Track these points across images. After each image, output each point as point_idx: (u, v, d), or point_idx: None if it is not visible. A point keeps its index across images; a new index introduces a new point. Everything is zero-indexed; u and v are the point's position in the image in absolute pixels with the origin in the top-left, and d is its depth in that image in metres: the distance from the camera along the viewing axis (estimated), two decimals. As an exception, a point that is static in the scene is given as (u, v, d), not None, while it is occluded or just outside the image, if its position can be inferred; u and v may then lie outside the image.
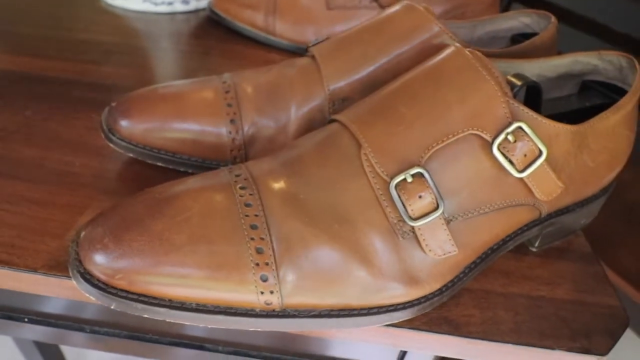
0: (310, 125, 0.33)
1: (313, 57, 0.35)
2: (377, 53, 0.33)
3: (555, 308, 0.28)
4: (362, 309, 0.24)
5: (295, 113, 0.33)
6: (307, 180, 0.25)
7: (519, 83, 0.27)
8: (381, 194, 0.24)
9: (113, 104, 0.33)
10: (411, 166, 0.24)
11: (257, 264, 0.23)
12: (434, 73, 0.27)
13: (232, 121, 0.32)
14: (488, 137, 0.25)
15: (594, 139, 0.27)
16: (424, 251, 0.24)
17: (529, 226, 0.28)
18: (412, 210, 0.24)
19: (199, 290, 0.23)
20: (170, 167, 0.33)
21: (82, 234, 0.24)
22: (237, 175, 0.26)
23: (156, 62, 0.49)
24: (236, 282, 0.23)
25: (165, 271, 0.22)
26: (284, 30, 0.53)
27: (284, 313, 0.23)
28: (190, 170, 0.33)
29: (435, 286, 0.25)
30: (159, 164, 0.32)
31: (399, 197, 0.24)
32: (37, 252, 0.27)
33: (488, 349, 0.26)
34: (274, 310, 0.23)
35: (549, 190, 0.26)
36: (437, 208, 0.24)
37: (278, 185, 0.25)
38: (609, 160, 0.28)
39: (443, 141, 0.25)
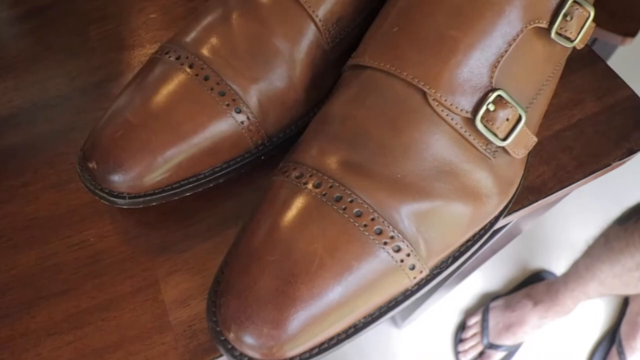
0: (315, 68, 0.28)
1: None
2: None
3: (593, 125, 0.31)
4: (480, 230, 0.26)
5: (291, 62, 0.27)
6: (389, 153, 0.23)
7: None
8: (465, 131, 0.24)
9: (91, 165, 0.25)
10: (485, 92, 0.23)
11: (402, 260, 0.23)
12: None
13: (236, 110, 0.27)
14: (545, 25, 0.23)
15: None
16: (512, 156, 0.25)
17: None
18: (501, 133, 0.24)
19: (364, 309, 0.23)
20: (200, 190, 0.28)
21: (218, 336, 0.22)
22: (304, 182, 0.23)
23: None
24: (390, 284, 0.23)
25: (332, 319, 0.22)
26: None
27: (433, 275, 0.25)
28: (221, 180, 0.28)
29: (520, 174, 0.27)
30: (187, 194, 0.28)
31: (487, 128, 0.24)
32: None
33: (567, 193, 0.30)
34: (423, 279, 0.25)
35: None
36: (520, 118, 0.24)
37: (365, 174, 0.23)
38: None
39: (507, 51, 0.23)
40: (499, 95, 0.23)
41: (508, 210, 0.27)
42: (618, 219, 0.73)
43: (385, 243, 0.23)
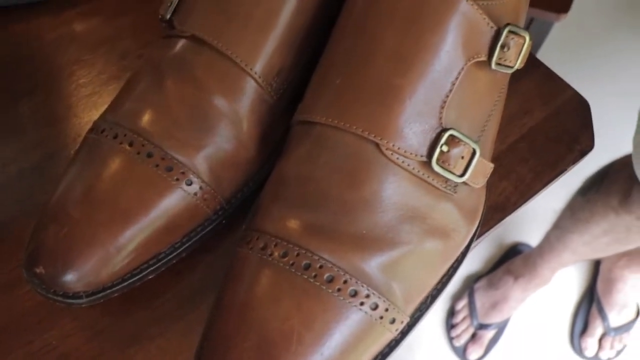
0: (262, 123, 0.27)
1: (194, 37, 0.26)
2: (279, -2, 0.25)
3: (544, 132, 0.32)
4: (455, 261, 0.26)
5: (236, 121, 0.26)
6: (351, 210, 0.23)
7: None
8: (423, 174, 0.23)
9: (38, 270, 0.24)
10: (437, 133, 0.23)
11: (381, 317, 0.23)
12: (392, 15, 0.22)
13: (187, 182, 0.25)
14: (484, 58, 0.23)
15: None
16: (472, 187, 0.25)
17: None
18: (458, 171, 0.24)
19: None
20: (164, 268, 0.27)
21: None
22: (270, 254, 0.22)
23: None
24: (373, 341, 0.23)
25: None
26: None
27: (414, 319, 0.25)
28: (184, 254, 0.27)
29: (483, 199, 0.27)
30: (150, 277, 0.26)
31: (444, 169, 0.23)
32: None
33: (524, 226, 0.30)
34: (405, 326, 0.24)
35: None
36: (474, 153, 0.24)
37: (330, 236, 0.23)
38: None
39: (451, 90, 0.23)
40: (451, 135, 0.23)
41: (477, 234, 0.27)
42: (580, 190, 0.75)
43: (361, 304, 0.22)
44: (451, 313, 0.97)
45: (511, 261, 0.96)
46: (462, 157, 0.23)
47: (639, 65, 1.13)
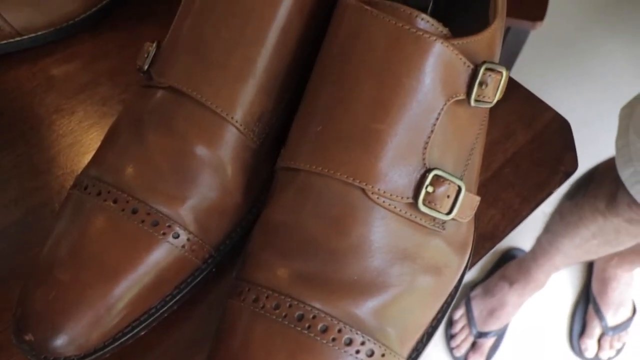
0: (246, 169, 0.27)
1: (172, 88, 0.26)
2: (256, 44, 0.25)
3: (528, 155, 0.32)
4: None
5: (220, 170, 0.26)
6: (340, 257, 0.23)
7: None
8: (410, 215, 0.23)
9: (27, 337, 0.23)
10: (421, 174, 0.23)
11: None
12: (367, 61, 0.22)
13: (174, 236, 0.25)
14: (463, 97, 0.23)
15: None
16: (461, 222, 0.25)
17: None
18: (444, 209, 0.24)
19: None
20: (155, 323, 0.26)
21: None
22: (262, 306, 0.22)
23: None
24: None
25: None
26: (20, 20, 0.36)
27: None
28: (175, 307, 0.27)
29: (472, 230, 0.27)
30: (142, 333, 0.26)
31: (431, 208, 0.23)
32: None
33: (517, 230, 0.30)
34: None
35: None
36: (460, 190, 0.24)
37: (321, 284, 0.23)
38: None
39: (432, 131, 0.23)
40: (435, 175, 0.23)
41: (469, 266, 0.27)
42: (567, 194, 0.76)
43: (357, 352, 0.22)
44: (449, 323, 0.97)
45: (505, 267, 0.97)
46: (448, 196, 0.23)
47: (617, 63, 1.15)
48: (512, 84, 0.34)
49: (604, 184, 0.67)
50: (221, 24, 0.25)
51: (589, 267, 1.00)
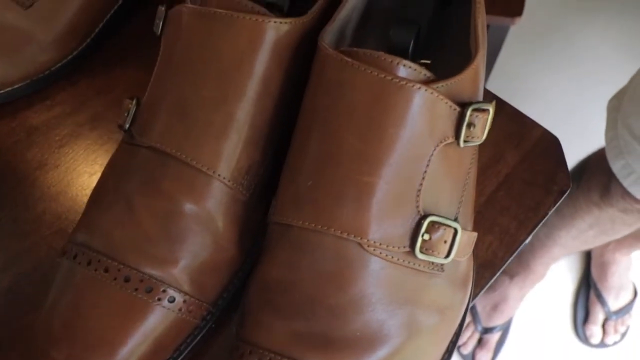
0: (238, 222, 0.26)
1: (152, 148, 0.25)
2: (237, 100, 0.24)
3: (520, 176, 0.32)
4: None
5: (210, 227, 0.25)
6: (341, 314, 0.22)
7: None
8: (409, 262, 0.23)
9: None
10: (417, 221, 0.23)
11: None
12: (352, 113, 0.22)
13: (170, 300, 0.25)
14: (452, 140, 0.23)
15: None
16: (460, 260, 0.25)
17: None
18: (442, 254, 0.23)
19: None
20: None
21: None
22: None
23: None
24: None
25: None
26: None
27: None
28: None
29: (471, 263, 0.27)
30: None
31: (428, 255, 0.23)
32: None
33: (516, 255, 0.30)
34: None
35: None
36: (456, 232, 0.24)
37: (324, 344, 0.22)
38: None
39: (424, 177, 0.22)
40: (430, 222, 0.23)
41: (471, 297, 0.27)
42: (561, 187, 0.76)
43: None
44: (454, 321, 0.97)
45: (505, 260, 0.97)
46: (445, 241, 0.23)
47: (598, 46, 1.16)
48: (498, 103, 0.34)
49: (595, 175, 0.67)
50: (200, 83, 0.24)
51: (587, 254, 1.01)
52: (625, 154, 0.53)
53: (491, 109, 0.23)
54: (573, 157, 0.81)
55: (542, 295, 0.98)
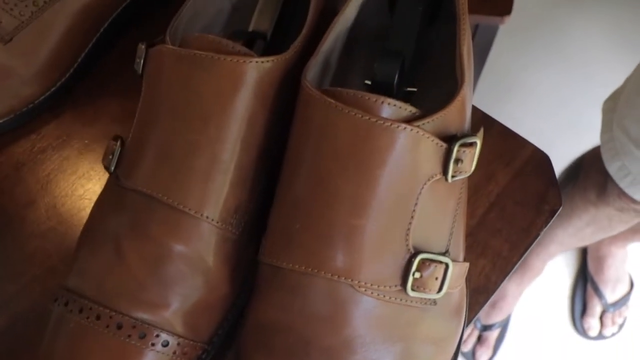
0: (229, 260, 0.26)
1: (137, 191, 0.25)
2: (222, 142, 0.24)
3: (511, 196, 0.32)
4: None
5: (202, 268, 0.25)
6: (335, 355, 0.22)
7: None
8: (401, 300, 0.23)
9: None
10: (407, 259, 0.22)
11: None
12: (338, 156, 0.21)
13: (164, 344, 0.24)
14: (440, 176, 0.23)
15: None
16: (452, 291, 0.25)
17: None
18: (434, 291, 0.23)
19: None
20: None
21: None
22: None
23: None
24: None
25: None
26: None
27: None
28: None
29: (464, 290, 0.27)
30: None
31: (420, 292, 0.23)
32: None
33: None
34: None
35: None
36: (447, 267, 0.24)
37: None
38: None
39: (413, 216, 0.22)
40: (421, 259, 0.23)
41: (466, 323, 0.27)
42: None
43: None
44: (454, 319, 0.97)
45: (502, 257, 0.97)
46: (437, 278, 0.23)
47: (588, 38, 1.16)
48: (488, 121, 0.34)
49: (591, 174, 0.67)
50: (183, 126, 0.24)
51: (583, 248, 1.01)
52: (621, 155, 0.53)
53: (479, 141, 0.23)
54: (565, 149, 0.82)
55: (539, 291, 0.99)
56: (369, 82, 0.26)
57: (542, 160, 0.33)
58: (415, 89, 0.27)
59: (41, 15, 0.35)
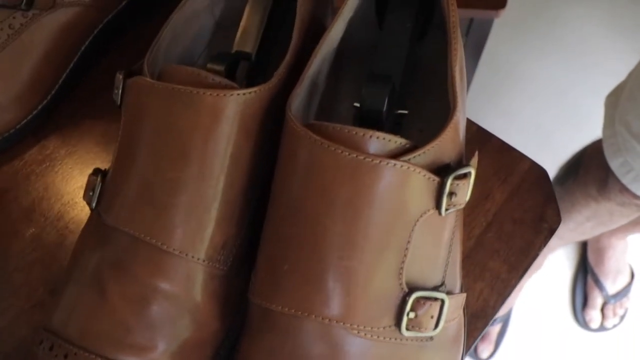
0: (218, 297, 0.25)
1: (120, 230, 0.24)
2: (205, 179, 0.23)
3: (509, 215, 0.31)
4: None
5: (190, 307, 0.24)
6: None
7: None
8: (396, 339, 0.22)
9: None
10: (401, 299, 0.22)
11: None
12: (325, 196, 0.20)
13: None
14: (433, 212, 0.22)
15: None
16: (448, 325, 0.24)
17: None
18: (430, 329, 0.22)
19: None
20: None
21: None
22: None
23: None
24: None
25: None
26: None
27: None
28: None
29: (462, 319, 0.26)
30: None
31: (415, 331, 0.22)
32: None
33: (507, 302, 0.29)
34: None
35: None
36: (443, 302, 0.23)
37: None
38: None
39: (405, 255, 0.21)
40: (415, 298, 0.22)
41: (465, 351, 0.26)
42: (557, 180, 0.75)
43: None
44: (455, 315, 0.97)
45: (502, 252, 0.97)
46: (432, 317, 0.22)
47: (585, 27, 1.14)
48: (484, 136, 0.33)
49: (592, 169, 0.66)
50: (163, 165, 0.23)
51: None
52: (623, 151, 0.52)
53: (473, 170, 0.22)
54: (564, 140, 0.80)
55: (540, 284, 0.98)
56: (357, 105, 0.25)
57: (539, 175, 0.32)
58: (405, 112, 0.26)
59: (18, 37, 0.33)
